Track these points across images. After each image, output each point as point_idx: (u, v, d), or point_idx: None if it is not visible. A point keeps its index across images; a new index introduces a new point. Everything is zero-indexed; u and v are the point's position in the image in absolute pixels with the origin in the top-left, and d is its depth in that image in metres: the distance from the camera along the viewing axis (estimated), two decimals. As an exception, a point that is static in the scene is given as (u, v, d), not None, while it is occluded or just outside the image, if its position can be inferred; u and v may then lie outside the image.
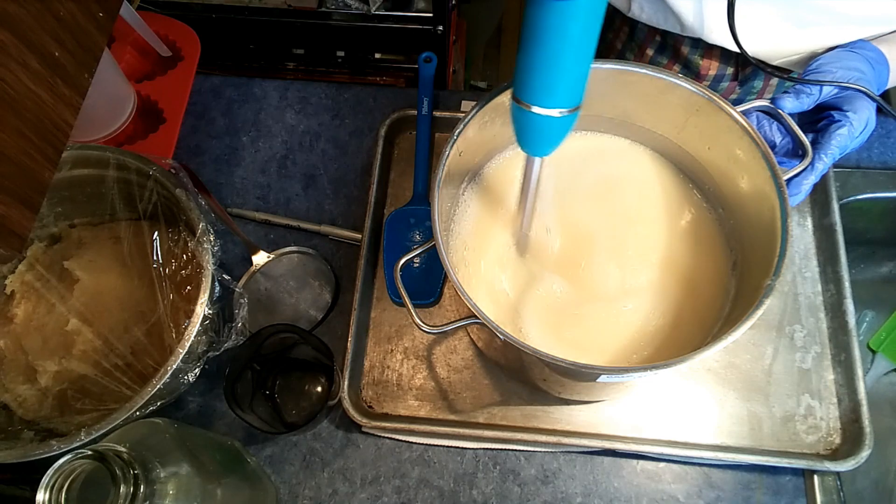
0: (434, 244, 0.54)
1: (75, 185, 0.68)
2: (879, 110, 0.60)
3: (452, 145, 0.57)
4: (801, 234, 0.75)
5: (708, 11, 0.65)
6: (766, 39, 0.64)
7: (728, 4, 0.57)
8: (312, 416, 0.63)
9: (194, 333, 0.59)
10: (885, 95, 0.61)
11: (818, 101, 0.58)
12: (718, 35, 0.66)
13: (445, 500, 0.66)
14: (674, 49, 0.74)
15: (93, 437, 0.55)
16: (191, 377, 0.62)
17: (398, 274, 0.56)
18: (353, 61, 1.44)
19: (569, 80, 0.45)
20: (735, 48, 0.66)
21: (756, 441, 0.66)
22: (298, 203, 0.81)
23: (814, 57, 0.62)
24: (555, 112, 0.46)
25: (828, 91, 0.58)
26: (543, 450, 0.67)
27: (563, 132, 0.49)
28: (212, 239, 0.63)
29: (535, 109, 0.46)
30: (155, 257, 0.67)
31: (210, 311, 0.61)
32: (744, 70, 0.73)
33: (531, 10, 0.42)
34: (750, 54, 0.67)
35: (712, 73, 0.73)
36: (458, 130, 0.58)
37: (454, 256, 0.66)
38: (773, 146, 0.60)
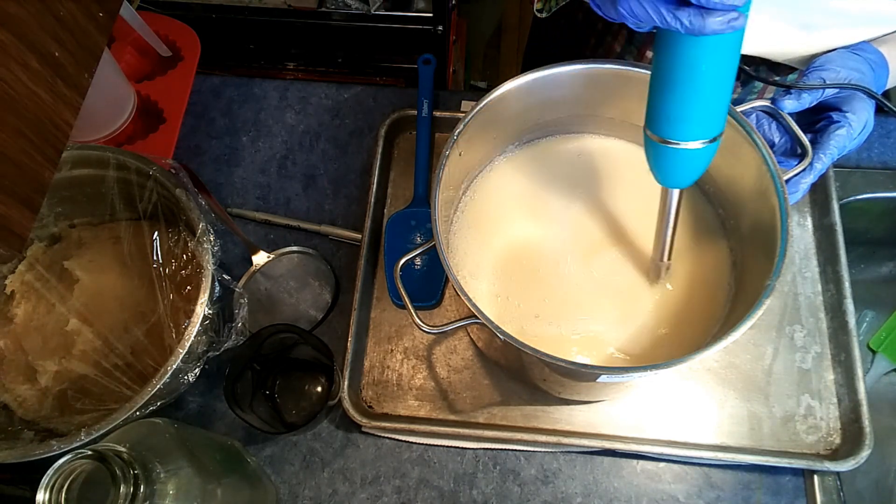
0: (434, 244, 0.54)
1: (75, 185, 0.68)
2: (879, 110, 0.61)
3: (452, 146, 0.58)
4: (801, 234, 0.75)
5: None
6: (772, 42, 0.64)
7: None
8: (312, 416, 0.63)
9: (194, 333, 0.59)
10: (886, 96, 0.61)
11: (818, 101, 0.58)
12: None
13: (445, 500, 0.66)
14: (674, 50, 0.74)
15: (93, 437, 0.55)
16: (191, 377, 0.62)
17: (398, 274, 0.56)
18: (353, 61, 1.44)
19: (710, 111, 0.44)
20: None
21: (756, 441, 0.66)
22: (298, 203, 0.81)
23: (816, 57, 0.62)
24: (697, 144, 0.45)
25: (828, 91, 0.58)
26: (543, 450, 0.67)
27: (705, 162, 0.48)
28: (212, 239, 0.63)
29: (675, 144, 0.45)
30: (155, 257, 0.67)
31: (210, 311, 0.61)
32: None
33: (667, 48, 0.42)
34: (751, 55, 0.67)
35: (713, 73, 0.73)
36: (458, 131, 0.58)
37: (454, 257, 0.66)
38: (771, 145, 0.60)
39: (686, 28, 0.39)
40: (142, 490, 0.43)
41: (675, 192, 0.53)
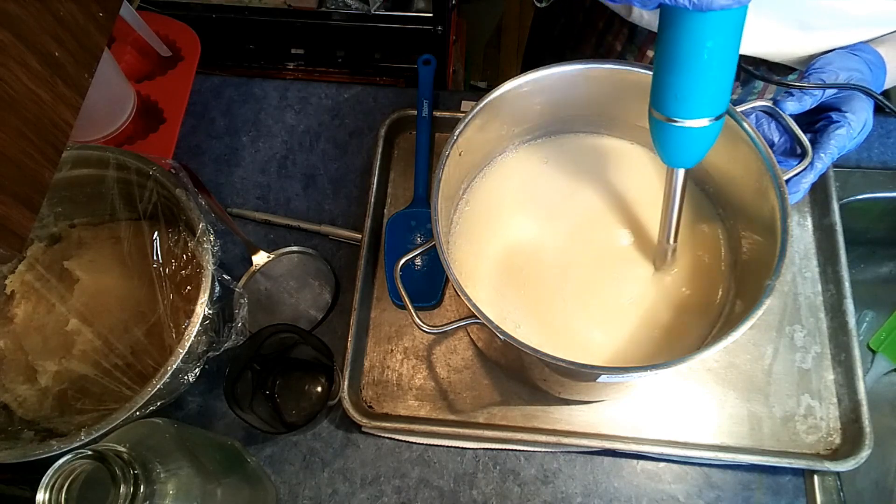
0: (434, 244, 0.54)
1: (75, 185, 0.68)
2: (878, 110, 0.61)
3: (452, 146, 0.58)
4: (801, 234, 0.75)
5: None
6: (770, 42, 0.65)
7: None
8: (312, 416, 0.63)
9: (194, 333, 0.59)
10: (885, 95, 0.61)
11: (818, 102, 0.58)
12: None
13: (445, 500, 0.66)
14: (675, 50, 0.74)
15: (93, 437, 0.55)
16: (191, 377, 0.62)
17: (398, 274, 0.56)
18: (353, 61, 1.44)
19: (716, 89, 0.45)
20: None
21: (756, 441, 0.66)
22: (298, 203, 0.81)
23: (815, 57, 0.62)
24: (703, 122, 0.46)
25: (828, 91, 0.58)
26: (543, 450, 0.67)
27: (710, 140, 0.48)
28: (212, 239, 0.63)
29: (682, 122, 0.46)
30: (155, 257, 0.67)
31: (210, 311, 0.61)
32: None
33: (671, 26, 0.42)
34: (750, 55, 0.67)
35: (714, 72, 0.73)
36: (458, 131, 0.58)
37: (454, 257, 0.66)
38: (771, 145, 0.60)
39: (693, 4, 0.39)
40: (142, 490, 0.43)
41: (681, 173, 0.53)
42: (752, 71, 0.61)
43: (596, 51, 0.81)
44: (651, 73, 0.58)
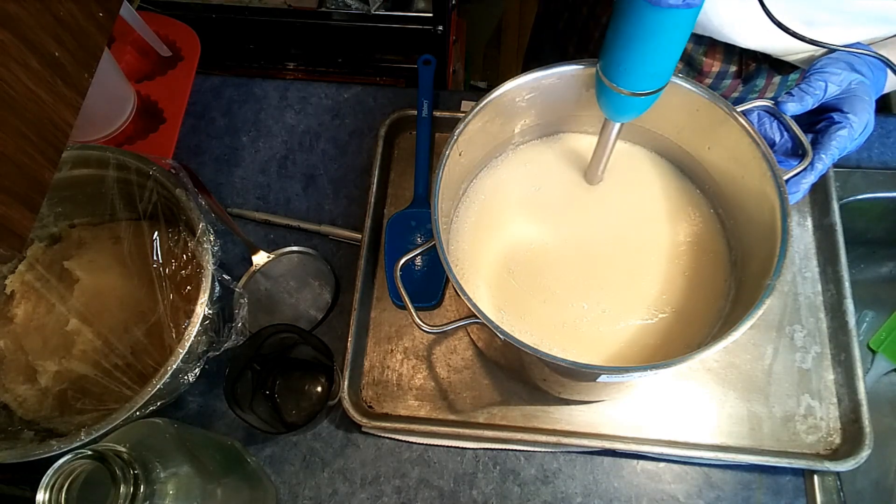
0: (434, 244, 0.54)
1: (75, 185, 0.68)
2: (878, 111, 0.61)
3: (452, 146, 0.58)
4: (801, 234, 0.75)
5: (717, 6, 0.65)
6: (774, 38, 0.65)
7: None
8: (312, 416, 0.63)
9: (194, 333, 0.59)
10: (886, 98, 0.61)
11: (820, 102, 0.58)
12: (728, 30, 0.66)
13: (445, 500, 0.66)
14: (677, 46, 0.74)
15: (93, 437, 0.55)
16: (191, 377, 0.62)
17: (398, 273, 0.56)
18: (353, 61, 1.44)
19: (659, 70, 0.50)
20: (741, 44, 0.66)
21: (756, 441, 0.66)
22: (298, 203, 0.81)
23: (817, 57, 0.62)
24: (641, 94, 0.51)
25: (831, 92, 0.58)
26: (543, 450, 0.67)
27: (646, 106, 0.54)
28: (212, 239, 0.63)
29: (623, 91, 0.51)
30: (155, 257, 0.67)
31: (210, 311, 0.61)
32: (747, 68, 0.73)
33: (628, 12, 0.46)
34: (754, 50, 0.66)
35: (715, 70, 0.73)
36: (458, 131, 0.58)
37: (455, 256, 0.66)
38: (772, 144, 0.60)
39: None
40: (142, 490, 0.43)
41: (617, 125, 0.58)
42: (780, 23, 0.62)
43: (599, 46, 0.81)
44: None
